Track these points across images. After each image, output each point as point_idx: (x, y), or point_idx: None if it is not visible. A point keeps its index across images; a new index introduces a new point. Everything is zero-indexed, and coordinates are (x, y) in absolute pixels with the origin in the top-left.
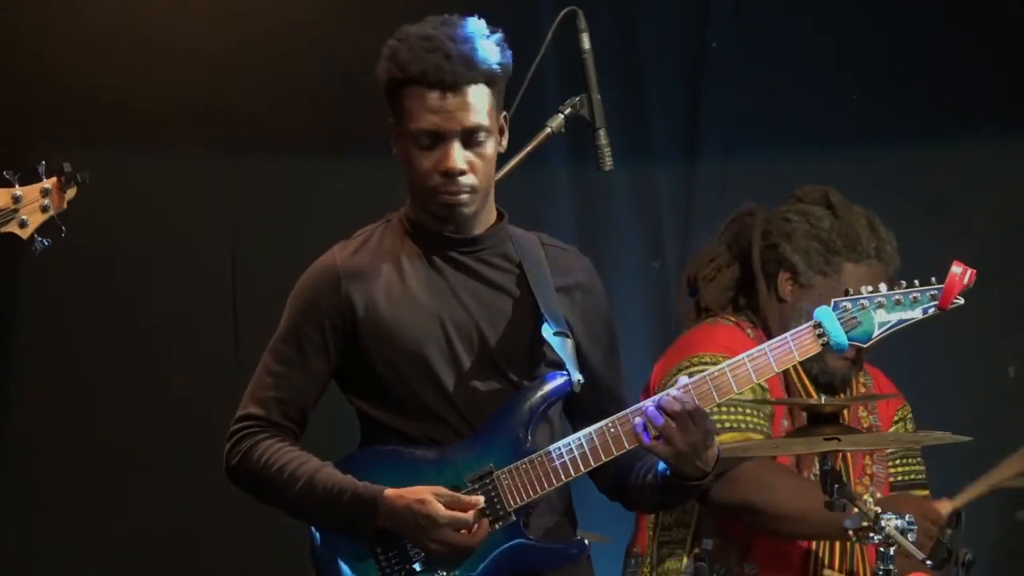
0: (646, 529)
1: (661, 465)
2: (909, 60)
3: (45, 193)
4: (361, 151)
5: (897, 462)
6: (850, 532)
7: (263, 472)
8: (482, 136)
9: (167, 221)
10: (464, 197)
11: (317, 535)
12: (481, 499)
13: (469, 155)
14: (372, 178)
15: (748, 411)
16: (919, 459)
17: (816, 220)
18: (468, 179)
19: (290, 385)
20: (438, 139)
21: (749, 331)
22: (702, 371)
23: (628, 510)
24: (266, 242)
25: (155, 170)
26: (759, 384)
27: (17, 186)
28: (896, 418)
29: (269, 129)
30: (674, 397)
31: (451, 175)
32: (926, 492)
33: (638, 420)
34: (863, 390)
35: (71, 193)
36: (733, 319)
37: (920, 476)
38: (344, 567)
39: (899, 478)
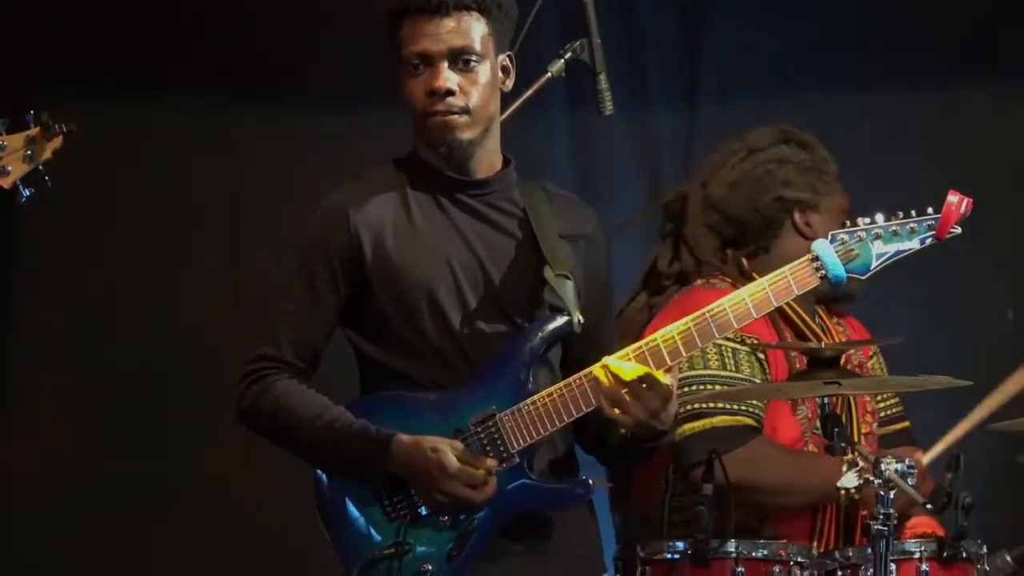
0: (655, 486)
1: (622, 429)
2: (909, 0)
3: (30, 142)
4: (362, 99)
5: (879, 398)
6: (842, 492)
7: (276, 414)
8: (472, 59)
9: (166, 169)
10: (455, 118)
11: (323, 478)
12: (494, 461)
13: (459, 77)
14: (375, 128)
15: (748, 403)
16: (896, 395)
17: (795, 156)
18: (458, 100)
19: (302, 323)
20: (427, 62)
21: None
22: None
23: (601, 464)
24: (266, 187)
25: (154, 120)
26: (755, 355)
27: (3, 134)
28: (871, 353)
29: (270, 79)
30: (617, 368)
31: (437, 93)
32: (907, 424)
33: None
34: (841, 335)
35: (56, 143)
36: (729, 280)
37: (899, 410)
38: (350, 511)
39: (883, 413)
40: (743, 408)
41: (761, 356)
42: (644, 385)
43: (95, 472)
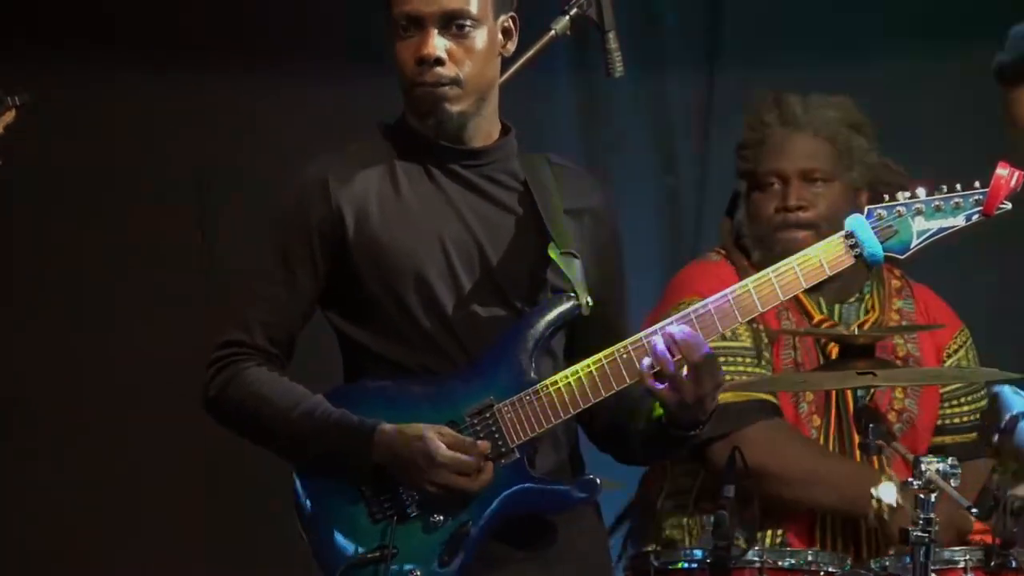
0: (656, 476)
1: (655, 412)
2: None
3: None
4: (345, 62)
5: (961, 400)
6: (875, 503)
7: (246, 403)
8: (467, 24)
9: (126, 142)
10: (444, 90)
11: (301, 476)
12: (487, 445)
13: (451, 44)
14: (360, 94)
15: (745, 363)
16: (975, 401)
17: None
18: (448, 70)
19: (276, 306)
20: (417, 24)
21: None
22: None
23: (619, 461)
24: (235, 165)
25: (110, 89)
26: (750, 323)
27: None
28: (952, 348)
29: (240, 41)
30: (690, 342)
31: (425, 62)
32: (973, 435)
33: (646, 361)
34: (896, 316)
35: (8, 117)
36: (722, 253)
37: (971, 419)
38: (331, 511)
39: (954, 420)
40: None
41: (757, 325)
42: (707, 364)
43: (57, 458)
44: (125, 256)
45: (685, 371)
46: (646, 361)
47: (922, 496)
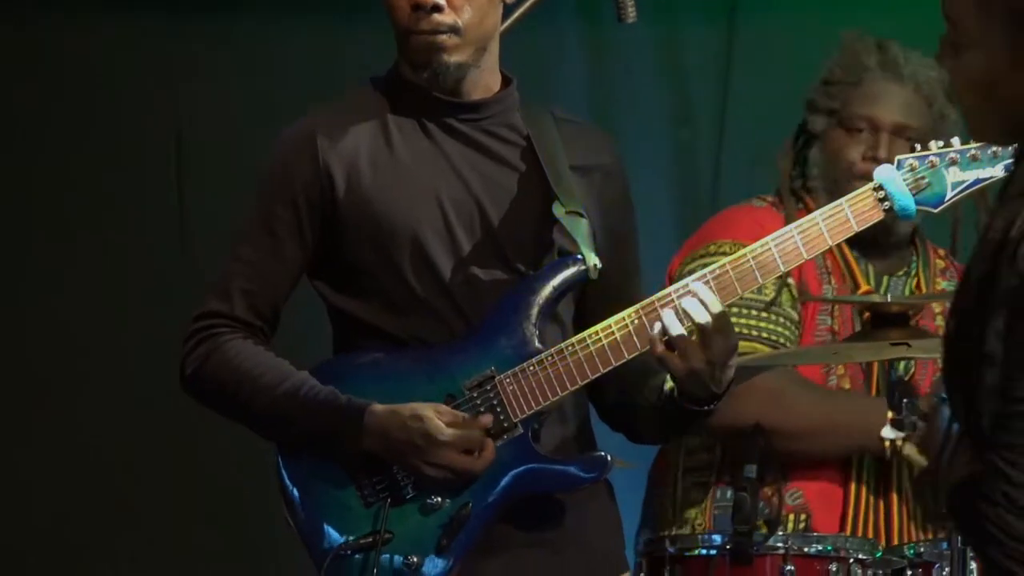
0: (670, 453)
1: (667, 385)
2: None
3: None
4: (332, 9)
5: None
6: (887, 443)
7: (227, 380)
8: None
9: (97, 97)
10: (442, 39)
11: (284, 457)
12: (488, 419)
13: None
14: (350, 44)
15: (766, 319)
16: None
17: (829, 67)
18: (446, 17)
19: (259, 275)
20: None
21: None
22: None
23: (632, 440)
24: (215, 123)
25: (81, 40)
26: (786, 284)
27: None
28: None
29: None
30: (699, 299)
31: (422, 8)
32: None
33: (657, 326)
34: (937, 278)
35: None
36: (768, 200)
37: None
38: (319, 495)
39: None
40: (761, 334)
41: (790, 281)
42: (717, 326)
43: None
44: (97, 218)
45: (694, 336)
46: (656, 327)
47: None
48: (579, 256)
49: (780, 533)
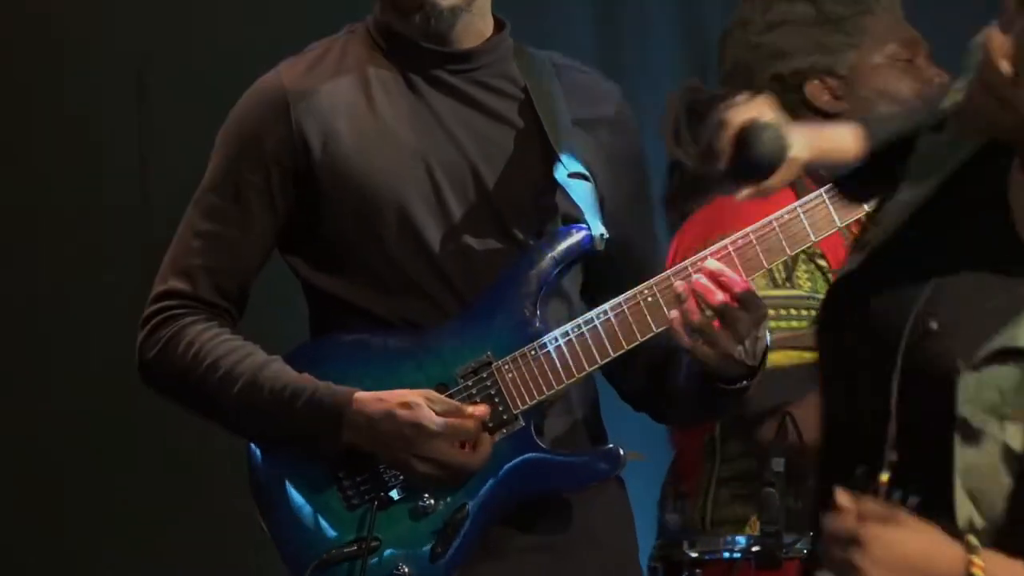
0: (698, 457)
1: (693, 365)
2: None
3: None
4: None
5: None
6: None
7: (189, 368)
8: None
9: (51, 43)
10: None
11: (257, 454)
12: (485, 408)
13: None
14: None
15: (800, 316)
16: None
17: (792, 12)
18: None
19: (225, 249)
20: None
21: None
22: None
23: (658, 422)
24: (182, 64)
25: None
26: (814, 261)
27: None
28: None
29: None
30: (718, 279)
31: None
32: None
33: (675, 313)
34: None
35: None
36: None
37: None
38: (296, 497)
39: None
40: (808, 343)
41: (822, 262)
42: (739, 304)
43: None
44: (43, 182)
45: (717, 320)
46: (674, 314)
47: None
48: (584, 224)
49: (812, 535)
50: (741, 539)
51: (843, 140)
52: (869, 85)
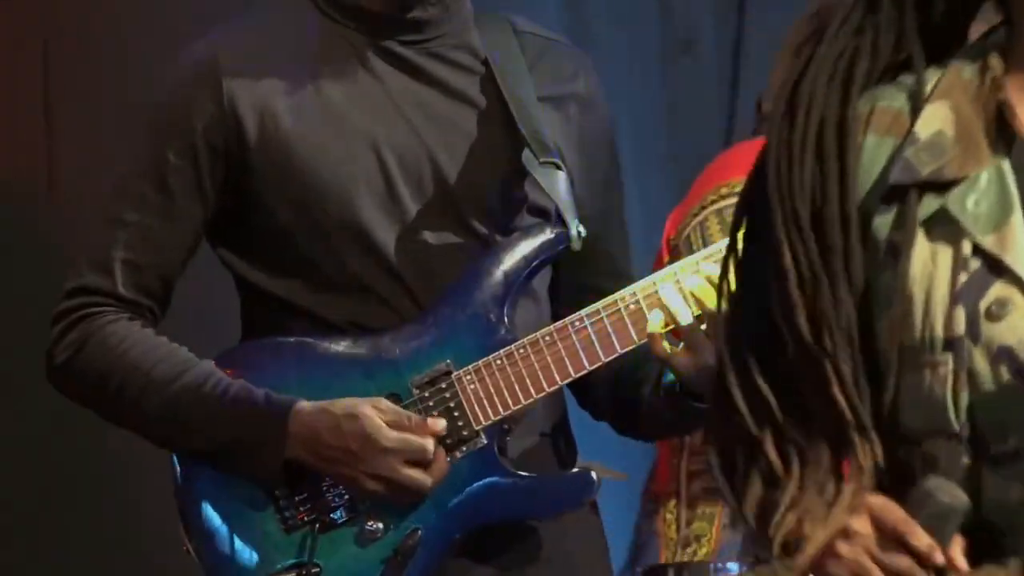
0: (668, 458)
1: (667, 376)
2: None
3: None
4: None
5: None
6: None
7: (108, 373)
8: None
9: None
10: None
11: (183, 468)
12: (442, 422)
13: None
14: None
15: None
16: None
17: None
18: None
19: (147, 241)
20: None
21: None
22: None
23: (620, 434)
24: (94, 33)
25: None
26: None
27: None
28: None
29: None
30: (709, 279)
31: None
32: None
33: (655, 315)
34: None
35: None
36: None
37: None
38: (226, 516)
39: None
40: None
41: None
42: None
43: None
44: None
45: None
46: (655, 317)
47: None
48: (558, 220)
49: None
50: (733, 566)
51: None
52: None
